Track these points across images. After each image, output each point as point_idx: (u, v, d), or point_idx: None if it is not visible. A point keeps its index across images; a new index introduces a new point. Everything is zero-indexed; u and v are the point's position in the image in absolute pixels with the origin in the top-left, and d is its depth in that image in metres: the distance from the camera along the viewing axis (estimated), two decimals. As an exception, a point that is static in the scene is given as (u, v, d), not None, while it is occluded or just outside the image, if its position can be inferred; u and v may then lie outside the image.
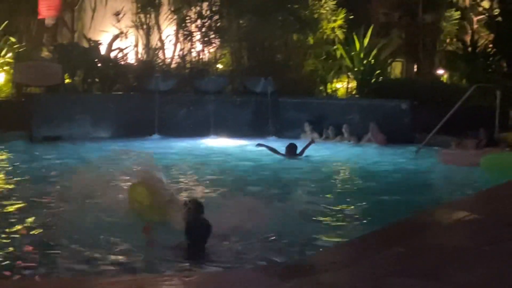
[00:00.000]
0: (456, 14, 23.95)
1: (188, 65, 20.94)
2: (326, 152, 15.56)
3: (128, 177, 8.85)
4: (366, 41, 19.56)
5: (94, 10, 22.77)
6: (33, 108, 16.66)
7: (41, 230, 7.20)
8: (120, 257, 6.22)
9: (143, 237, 6.57)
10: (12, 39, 20.10)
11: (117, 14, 21.42)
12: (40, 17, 20.79)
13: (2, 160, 13.38)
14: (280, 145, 14.64)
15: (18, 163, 12.77)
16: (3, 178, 11.06)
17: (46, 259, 6.17)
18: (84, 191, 8.67)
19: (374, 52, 19.47)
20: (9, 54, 19.79)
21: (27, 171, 11.73)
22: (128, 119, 17.64)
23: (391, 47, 21.38)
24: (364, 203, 9.39)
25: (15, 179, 10.86)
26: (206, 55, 21.14)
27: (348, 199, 9.69)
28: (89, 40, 19.99)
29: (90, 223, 7.47)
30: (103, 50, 19.85)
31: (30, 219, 7.66)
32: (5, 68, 19.51)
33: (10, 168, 12.28)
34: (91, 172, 9.15)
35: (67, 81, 18.82)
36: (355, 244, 5.27)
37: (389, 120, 17.25)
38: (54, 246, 6.58)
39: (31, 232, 7.14)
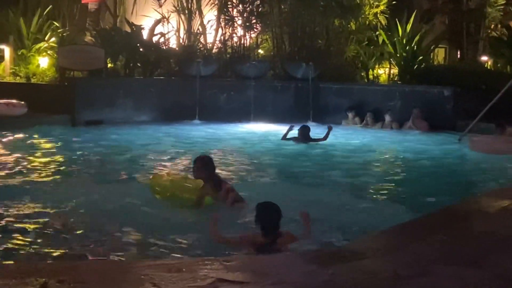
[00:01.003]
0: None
1: (229, 50, 20.93)
2: (366, 138, 15.48)
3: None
4: (408, 27, 19.30)
5: (136, -5, 22.91)
6: (75, 92, 16.84)
7: (88, 212, 7.31)
8: (164, 241, 6.28)
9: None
10: (56, 24, 20.33)
11: (159, -2, 21.46)
12: (83, 1, 20.99)
13: (46, 144, 13.58)
14: (321, 131, 14.60)
15: (61, 147, 12.97)
16: (49, 162, 11.22)
17: (95, 241, 6.27)
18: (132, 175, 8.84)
19: (417, 38, 19.20)
20: (53, 39, 20.04)
21: (70, 155, 11.90)
22: (169, 104, 17.75)
23: (434, 33, 21.10)
24: (404, 189, 9.33)
25: (54, 165, 11.01)
26: (247, 40, 21.10)
27: (388, 186, 9.66)
28: (131, 24, 20.10)
29: (138, 206, 7.56)
30: (145, 34, 19.94)
31: (73, 203, 7.78)
32: (48, 52, 19.77)
33: (54, 151, 12.50)
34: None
35: (109, 65, 18.98)
36: (397, 231, 5.22)
37: (431, 107, 17.03)
38: (102, 230, 6.67)
39: (79, 215, 7.25)
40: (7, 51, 19.37)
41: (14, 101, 15.98)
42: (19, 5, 20.62)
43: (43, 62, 19.58)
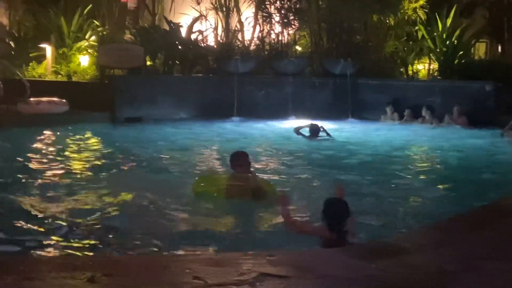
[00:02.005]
0: (545, -8, 23.09)
1: (267, 47, 20.93)
2: (406, 134, 15.37)
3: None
4: (448, 21, 19.03)
5: (174, -7, 23.04)
6: (115, 90, 17.00)
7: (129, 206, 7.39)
8: (207, 234, 6.32)
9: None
10: (96, 23, 20.56)
11: (197, -4, 21.56)
12: (123, 0, 21.19)
13: (87, 141, 13.74)
14: (360, 129, 14.54)
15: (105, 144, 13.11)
16: (91, 158, 11.36)
17: (138, 235, 6.33)
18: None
19: (457, 32, 18.94)
20: (93, 37, 20.26)
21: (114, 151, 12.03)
22: (207, 101, 17.83)
23: (474, 27, 20.78)
24: (448, 185, 9.23)
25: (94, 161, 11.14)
26: (285, 37, 21.07)
27: (431, 181, 9.58)
28: (169, 22, 20.23)
29: (179, 201, 7.62)
30: (183, 32, 20.03)
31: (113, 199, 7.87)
32: (89, 51, 19.99)
33: (97, 148, 12.64)
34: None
35: (148, 63, 19.12)
36: (443, 226, 5.17)
37: (472, 102, 16.82)
38: (145, 224, 6.74)
39: (122, 209, 7.34)
40: (49, 50, 19.65)
41: (55, 99, 16.22)
42: (59, 5, 20.90)
43: (84, 60, 19.83)
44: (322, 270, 4.10)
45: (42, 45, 19.81)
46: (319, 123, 15.61)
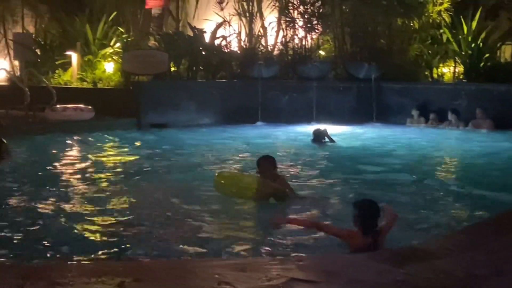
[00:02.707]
0: None
1: (290, 52, 20.93)
2: (432, 138, 15.32)
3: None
4: (473, 24, 18.89)
5: (197, -1, 23.19)
6: (140, 96, 17.10)
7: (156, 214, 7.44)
8: (236, 239, 6.35)
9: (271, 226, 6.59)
10: (121, 29, 20.72)
11: (220, 2, 21.65)
12: (147, 7, 21.35)
13: (113, 147, 13.84)
14: (384, 133, 14.46)
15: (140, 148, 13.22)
16: (118, 164, 11.45)
17: (166, 240, 6.38)
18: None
19: (483, 35, 18.80)
20: (118, 44, 20.41)
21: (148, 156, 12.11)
22: (232, 106, 17.87)
23: (500, 30, 20.58)
24: (475, 189, 9.15)
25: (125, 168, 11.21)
26: (308, 42, 21.06)
27: (459, 185, 9.52)
28: (193, 28, 20.33)
29: (206, 206, 7.67)
30: (207, 38, 20.11)
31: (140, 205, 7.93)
32: (114, 57, 20.15)
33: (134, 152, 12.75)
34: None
35: (172, 69, 19.22)
36: (470, 231, 5.15)
37: (498, 105, 16.68)
38: (172, 229, 6.78)
39: (150, 215, 7.39)
40: (75, 57, 19.85)
41: (81, 105, 16.38)
42: (85, 13, 21.10)
43: (109, 67, 19.97)
44: (351, 275, 4.10)
45: (68, 53, 20.00)
46: (344, 127, 15.67)
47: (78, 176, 9.95)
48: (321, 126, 14.61)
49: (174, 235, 6.49)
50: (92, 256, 5.77)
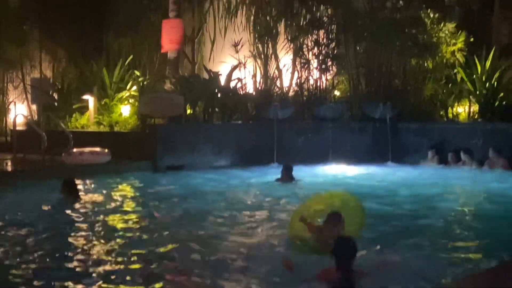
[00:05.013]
0: None
1: (305, 93, 21.05)
2: (447, 178, 15.26)
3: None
4: (487, 63, 18.96)
5: (213, 42, 23.40)
6: (156, 139, 17.20)
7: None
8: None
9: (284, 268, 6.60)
10: (137, 73, 20.94)
11: (235, 45, 21.86)
12: (163, 51, 21.60)
13: (130, 190, 13.90)
14: (403, 173, 14.38)
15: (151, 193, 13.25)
16: (136, 207, 11.49)
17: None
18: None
19: (497, 74, 18.84)
20: (134, 87, 20.61)
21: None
22: (247, 148, 17.94)
23: (514, 69, 20.60)
24: (488, 231, 9.09)
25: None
26: (323, 82, 21.19)
27: (476, 227, 9.47)
28: (209, 71, 20.52)
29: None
30: (222, 80, 20.27)
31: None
32: (130, 100, 20.33)
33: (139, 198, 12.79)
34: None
35: (188, 111, 19.35)
36: (496, 272, 5.09)
37: (514, 145, 16.65)
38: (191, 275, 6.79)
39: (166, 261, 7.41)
40: (91, 101, 20.05)
41: (98, 149, 16.48)
42: (102, 57, 21.38)
43: (125, 110, 20.14)
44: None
45: (85, 97, 20.22)
46: (360, 168, 15.67)
47: (93, 219, 10.00)
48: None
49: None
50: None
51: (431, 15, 20.20)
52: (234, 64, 21.41)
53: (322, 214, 7.74)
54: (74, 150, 16.32)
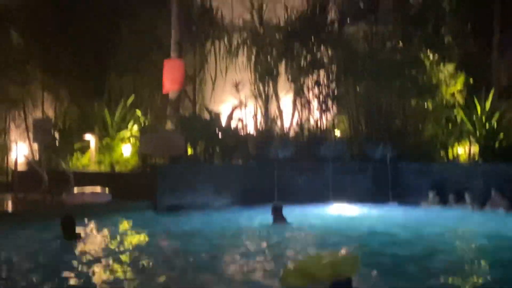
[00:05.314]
0: None
1: (306, 133, 21.12)
2: (449, 219, 15.20)
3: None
4: (487, 104, 19.05)
5: (214, 82, 23.57)
6: (157, 179, 17.23)
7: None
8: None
9: None
10: (138, 112, 21.04)
11: (236, 85, 22.01)
12: (164, 92, 21.72)
13: (130, 230, 13.88)
14: (402, 214, 14.36)
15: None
16: (136, 248, 11.46)
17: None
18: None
19: (496, 115, 18.90)
20: (135, 127, 20.69)
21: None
22: (248, 187, 17.96)
23: (514, 109, 20.68)
24: (492, 276, 9.04)
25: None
26: (323, 122, 21.28)
27: (478, 270, 9.40)
28: (210, 111, 20.61)
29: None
30: (223, 120, 20.35)
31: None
32: (131, 140, 20.39)
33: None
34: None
35: (189, 151, 19.39)
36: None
37: (514, 185, 16.64)
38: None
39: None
40: (93, 141, 20.14)
41: (98, 189, 16.51)
42: (103, 96, 21.51)
43: (126, 150, 20.20)
44: None
45: (87, 137, 20.30)
46: (361, 207, 15.64)
47: (91, 258, 9.99)
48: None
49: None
50: None
51: (431, 57, 20.38)
52: (235, 104, 21.54)
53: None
54: (75, 190, 16.36)
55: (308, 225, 14.18)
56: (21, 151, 20.47)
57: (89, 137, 20.32)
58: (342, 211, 16.99)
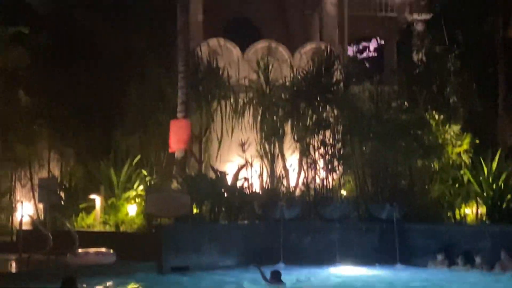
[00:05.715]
0: None
1: (312, 193, 21.04)
2: (458, 282, 14.99)
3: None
4: (494, 165, 18.99)
5: (220, 141, 23.59)
6: (162, 239, 17.11)
7: None
8: None
9: None
10: (144, 172, 21.04)
11: (242, 144, 22.05)
12: (170, 151, 21.76)
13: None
14: (408, 274, 14.17)
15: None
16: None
17: None
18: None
19: (503, 176, 18.82)
20: (141, 187, 20.66)
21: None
22: (254, 248, 17.81)
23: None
24: None
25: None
26: (330, 182, 21.22)
27: None
28: (216, 171, 20.59)
29: None
30: (229, 179, 20.30)
31: None
32: (137, 200, 20.34)
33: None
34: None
35: (195, 211, 19.31)
36: None
37: (523, 248, 16.45)
38: None
39: None
40: (98, 200, 20.10)
41: (103, 250, 16.40)
42: (109, 156, 21.55)
43: (132, 209, 20.13)
44: None
45: (92, 196, 20.28)
46: (368, 269, 15.48)
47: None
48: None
49: None
50: None
51: (436, 117, 20.45)
52: (241, 163, 21.53)
53: None
54: (79, 250, 16.25)
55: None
56: (26, 211, 20.41)
57: (94, 196, 20.27)
58: (346, 272, 16.79)
